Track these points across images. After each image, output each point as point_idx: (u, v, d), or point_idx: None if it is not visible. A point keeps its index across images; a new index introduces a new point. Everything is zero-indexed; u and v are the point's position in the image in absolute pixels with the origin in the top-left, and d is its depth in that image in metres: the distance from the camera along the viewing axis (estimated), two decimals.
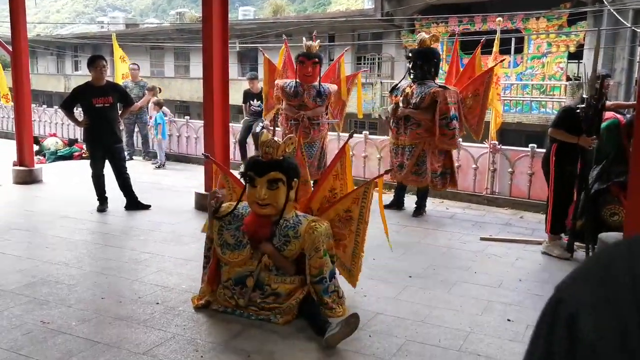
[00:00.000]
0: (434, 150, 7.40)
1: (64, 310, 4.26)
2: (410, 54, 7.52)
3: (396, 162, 7.58)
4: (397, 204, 7.93)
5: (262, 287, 4.17)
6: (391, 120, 7.64)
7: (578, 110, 5.56)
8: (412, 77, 7.45)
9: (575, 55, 19.80)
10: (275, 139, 4.19)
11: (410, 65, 7.41)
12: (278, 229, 4.19)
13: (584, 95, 5.53)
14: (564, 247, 5.88)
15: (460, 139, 8.47)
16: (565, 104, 5.98)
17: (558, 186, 5.88)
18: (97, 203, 7.47)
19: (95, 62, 7.30)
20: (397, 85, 7.72)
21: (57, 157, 11.92)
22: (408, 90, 7.40)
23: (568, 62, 19.78)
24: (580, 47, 19.29)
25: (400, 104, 7.41)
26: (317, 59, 8.03)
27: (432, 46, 7.47)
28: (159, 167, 11.25)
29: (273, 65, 8.91)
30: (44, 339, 3.77)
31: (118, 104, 7.58)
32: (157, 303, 4.41)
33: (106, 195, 7.50)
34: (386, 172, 4.83)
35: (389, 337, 3.95)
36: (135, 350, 3.66)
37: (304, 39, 8.34)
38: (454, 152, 8.53)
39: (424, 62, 7.32)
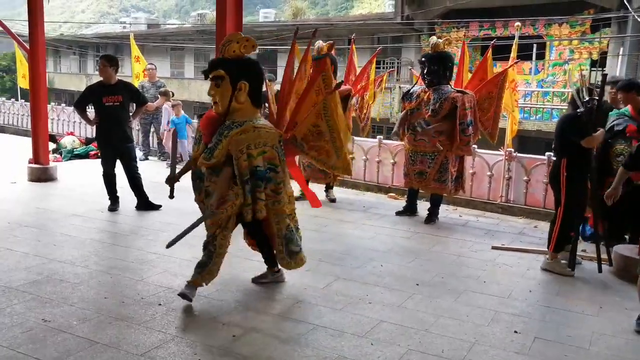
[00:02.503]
0: (452, 156, 7.35)
1: (66, 309, 4.25)
2: (423, 59, 7.41)
3: (414, 170, 7.50)
4: (410, 210, 7.86)
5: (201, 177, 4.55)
6: (405, 128, 7.55)
7: (579, 114, 5.38)
8: (426, 82, 7.34)
9: (599, 63, 19.56)
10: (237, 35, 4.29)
11: (425, 71, 7.27)
12: (219, 128, 4.36)
13: (584, 97, 5.39)
14: (566, 264, 5.62)
15: (475, 146, 8.41)
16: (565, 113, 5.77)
17: (569, 204, 5.55)
18: (109, 202, 7.47)
19: (100, 61, 7.43)
20: (409, 90, 7.61)
21: (73, 155, 12.00)
22: (423, 95, 7.32)
23: (591, 70, 19.54)
24: (604, 54, 19.05)
25: (418, 125, 7.30)
26: (321, 60, 7.99)
27: (445, 50, 7.34)
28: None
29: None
30: (43, 338, 3.76)
31: (131, 104, 7.59)
32: (160, 304, 4.39)
33: (117, 194, 7.50)
34: (337, 86, 4.79)
35: (391, 345, 3.88)
36: (133, 351, 3.63)
37: (320, 41, 8.31)
38: (469, 158, 8.46)
39: (438, 67, 7.20)
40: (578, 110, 5.42)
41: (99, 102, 7.28)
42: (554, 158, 5.87)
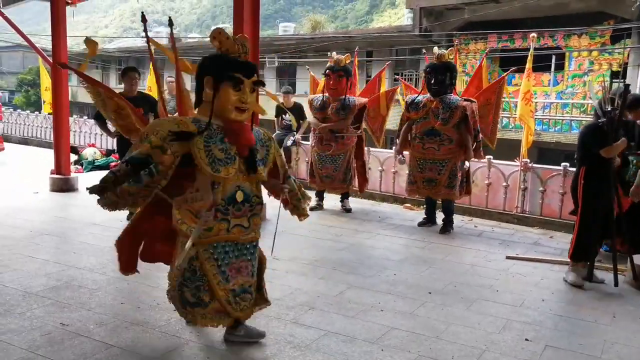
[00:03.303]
0: (459, 162, 7.45)
1: (84, 313, 4.35)
2: (429, 69, 7.53)
3: (422, 177, 7.56)
4: (430, 221, 7.92)
5: (249, 199, 3.80)
6: (411, 137, 7.64)
7: (601, 124, 5.35)
8: (432, 92, 7.45)
9: (619, 74, 19.45)
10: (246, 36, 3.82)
11: (433, 81, 7.40)
12: (245, 138, 3.73)
13: (606, 107, 5.40)
14: (582, 275, 5.58)
15: (491, 156, 8.48)
16: (589, 122, 5.74)
17: (586, 212, 5.53)
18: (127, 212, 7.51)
19: (127, 74, 7.45)
20: (414, 100, 7.67)
21: (94, 166, 12.23)
22: (430, 105, 7.42)
23: (612, 82, 19.46)
24: (624, 65, 18.94)
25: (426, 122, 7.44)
26: (342, 72, 8.17)
27: (450, 60, 7.55)
28: None
29: (317, 81, 9.11)
30: (61, 341, 3.86)
31: (150, 115, 7.71)
32: (175, 310, 4.47)
33: None
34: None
35: (401, 351, 3.93)
36: (148, 354, 3.72)
37: (334, 53, 8.43)
38: (485, 170, 8.54)
39: (445, 77, 7.36)
40: (599, 120, 5.41)
41: None
42: (574, 168, 5.88)
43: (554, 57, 19.54)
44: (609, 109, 5.30)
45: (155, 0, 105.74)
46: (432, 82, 7.42)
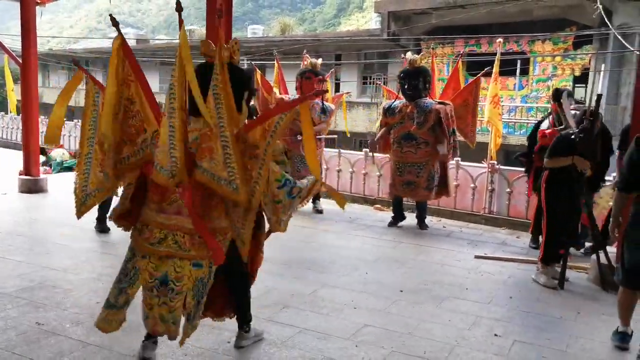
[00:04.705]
0: (436, 164, 7.60)
1: (59, 313, 4.36)
2: (402, 75, 7.67)
3: (402, 180, 7.69)
4: (399, 218, 8.04)
5: None
6: (391, 141, 7.75)
7: (573, 136, 5.39)
8: (407, 96, 7.60)
9: (581, 79, 19.91)
10: None
11: (406, 86, 7.56)
12: None
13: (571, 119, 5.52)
14: (553, 275, 5.70)
15: (459, 158, 8.64)
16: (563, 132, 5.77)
17: (549, 215, 5.67)
18: (96, 222, 7.08)
19: None
20: (391, 105, 7.82)
21: (63, 167, 12.13)
22: (405, 109, 7.56)
23: (575, 87, 19.90)
24: (586, 70, 19.41)
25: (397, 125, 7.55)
26: (322, 76, 8.27)
27: (423, 65, 7.68)
28: None
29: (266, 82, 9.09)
30: (37, 340, 3.87)
31: None
32: None
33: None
34: (316, 93, 4.00)
35: (375, 347, 4.02)
36: (125, 352, 3.75)
37: (307, 56, 8.51)
38: (453, 171, 8.69)
39: (418, 81, 7.50)
40: (571, 131, 5.47)
41: None
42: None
43: (519, 61, 19.91)
44: (585, 122, 5.36)
45: (122, 1, 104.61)
46: (406, 87, 7.58)
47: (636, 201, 4.17)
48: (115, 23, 3.67)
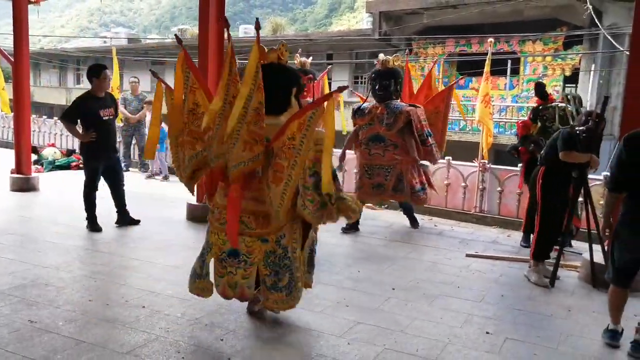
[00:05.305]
0: (411, 168, 7.49)
1: (52, 310, 4.36)
2: (374, 75, 7.54)
3: (371, 183, 7.60)
4: (355, 227, 7.62)
5: None
6: (359, 143, 7.71)
7: (578, 132, 5.43)
8: (377, 97, 7.48)
9: (571, 79, 20.01)
10: None
11: (377, 87, 7.43)
12: None
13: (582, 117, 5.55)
14: (545, 274, 5.72)
15: (450, 157, 8.66)
16: (565, 129, 5.68)
17: (545, 209, 5.69)
18: (87, 222, 7.08)
19: (102, 72, 6.96)
20: (361, 107, 7.69)
21: (54, 166, 12.09)
22: (375, 111, 7.47)
23: (565, 86, 20.00)
24: (576, 70, 19.51)
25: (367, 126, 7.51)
26: (311, 75, 8.25)
27: (395, 67, 7.50)
28: (165, 179, 11.46)
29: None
30: (30, 337, 3.87)
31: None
32: (143, 307, 4.51)
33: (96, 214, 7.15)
34: (340, 88, 3.87)
35: (367, 345, 4.04)
36: (118, 350, 3.76)
37: (297, 55, 8.52)
38: (444, 170, 8.72)
39: (389, 83, 7.38)
40: (577, 128, 5.50)
41: (96, 116, 6.88)
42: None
43: (509, 61, 20.00)
44: (590, 122, 5.41)
45: (114, 0, 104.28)
46: (377, 88, 7.45)
47: (625, 201, 4.22)
48: (179, 40, 4.43)
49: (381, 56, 7.52)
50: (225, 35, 4.18)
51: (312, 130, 3.72)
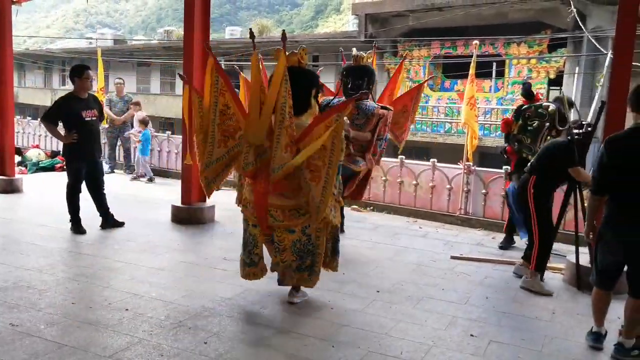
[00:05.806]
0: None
1: (34, 313, 4.32)
2: (346, 72, 7.07)
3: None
4: (341, 228, 7.27)
5: None
6: None
7: (571, 142, 5.37)
8: (348, 96, 6.84)
9: (555, 82, 20.14)
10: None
11: (350, 85, 6.94)
12: None
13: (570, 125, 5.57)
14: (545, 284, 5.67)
15: (435, 160, 8.66)
16: (560, 139, 5.70)
17: (542, 222, 5.59)
18: (71, 224, 7.04)
19: (84, 72, 6.90)
20: (329, 103, 6.68)
21: (38, 168, 12.00)
22: None
23: (550, 89, 20.13)
24: (561, 72, 19.65)
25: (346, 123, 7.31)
26: None
27: (367, 64, 7.08)
28: (150, 181, 11.38)
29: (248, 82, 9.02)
30: (11, 341, 3.83)
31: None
32: (127, 309, 4.48)
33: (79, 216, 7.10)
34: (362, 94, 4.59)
35: (352, 348, 4.03)
36: (101, 353, 3.72)
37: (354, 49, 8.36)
38: (429, 172, 8.74)
39: (362, 81, 6.88)
40: (569, 138, 5.44)
41: (78, 117, 6.82)
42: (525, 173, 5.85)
43: (494, 64, 20.10)
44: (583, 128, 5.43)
45: (100, 1, 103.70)
46: (349, 86, 6.93)
47: (608, 203, 4.24)
48: (208, 47, 5.02)
49: (354, 51, 7.09)
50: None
51: (341, 132, 4.21)
